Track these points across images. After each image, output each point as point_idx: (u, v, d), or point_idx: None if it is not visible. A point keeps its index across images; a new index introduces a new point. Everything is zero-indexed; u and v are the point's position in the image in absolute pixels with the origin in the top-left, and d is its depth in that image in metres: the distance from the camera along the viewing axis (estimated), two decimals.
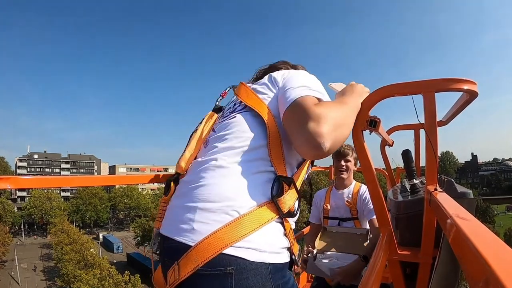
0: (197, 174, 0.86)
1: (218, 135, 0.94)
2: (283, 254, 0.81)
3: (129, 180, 1.23)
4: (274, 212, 0.79)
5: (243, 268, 0.72)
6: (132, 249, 42.50)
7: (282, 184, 0.81)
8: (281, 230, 0.82)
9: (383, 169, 2.87)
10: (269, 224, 0.78)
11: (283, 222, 0.82)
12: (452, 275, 1.03)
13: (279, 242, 0.81)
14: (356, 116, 0.94)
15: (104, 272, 23.87)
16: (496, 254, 0.34)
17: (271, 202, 0.80)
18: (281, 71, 1.04)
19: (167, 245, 0.82)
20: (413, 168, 1.59)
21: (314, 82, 0.94)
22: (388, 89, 0.93)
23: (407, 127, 2.19)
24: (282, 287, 0.78)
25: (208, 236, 0.73)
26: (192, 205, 0.79)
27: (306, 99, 0.81)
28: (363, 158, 1.02)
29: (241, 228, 0.74)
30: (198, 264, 0.72)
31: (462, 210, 0.63)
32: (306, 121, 0.73)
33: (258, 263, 0.74)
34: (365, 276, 0.81)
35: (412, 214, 1.23)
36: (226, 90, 1.16)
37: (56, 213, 48.14)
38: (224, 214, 0.76)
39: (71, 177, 1.09)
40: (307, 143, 0.72)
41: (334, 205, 2.34)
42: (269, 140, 0.85)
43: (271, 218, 0.79)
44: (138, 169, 76.76)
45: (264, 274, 0.74)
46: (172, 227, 0.82)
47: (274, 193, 0.80)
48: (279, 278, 0.78)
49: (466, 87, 0.88)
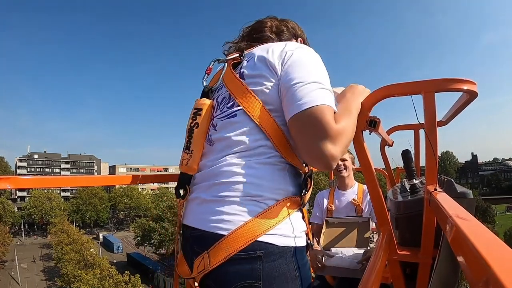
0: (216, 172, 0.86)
1: (224, 136, 0.89)
2: (303, 238, 0.88)
3: (129, 180, 1.23)
4: (297, 204, 0.87)
5: (271, 252, 0.78)
6: (132, 249, 42.47)
7: (307, 181, 0.89)
8: (300, 216, 0.90)
9: (383, 169, 2.87)
10: (294, 213, 0.86)
11: (302, 209, 0.91)
12: (452, 275, 1.03)
13: (300, 227, 0.87)
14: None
15: (104, 272, 23.85)
16: (496, 254, 0.34)
17: (296, 196, 0.87)
18: (277, 50, 0.90)
19: (195, 234, 0.85)
20: (413, 168, 1.58)
21: (323, 72, 0.85)
22: (388, 89, 0.93)
23: (407, 127, 2.19)
24: (302, 267, 0.84)
25: (240, 226, 0.78)
26: (220, 199, 0.82)
27: (324, 111, 0.74)
28: (363, 158, 1.02)
29: (270, 219, 0.79)
30: (231, 252, 0.77)
31: (462, 210, 0.63)
32: (323, 139, 0.73)
33: (284, 247, 0.80)
34: (365, 276, 0.81)
35: (412, 214, 1.23)
36: (211, 66, 1.01)
37: (56, 213, 48.11)
38: (253, 206, 0.80)
39: (71, 177, 1.09)
40: (318, 161, 0.76)
41: (338, 205, 2.34)
42: (273, 141, 0.84)
43: (295, 209, 0.86)
44: (138, 169, 76.67)
45: (289, 256, 0.81)
46: (199, 218, 0.85)
47: (303, 191, 0.88)
48: (300, 259, 0.84)
49: (465, 87, 0.88)
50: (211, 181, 0.86)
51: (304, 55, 0.87)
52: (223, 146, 0.88)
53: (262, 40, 1.07)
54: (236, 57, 1.00)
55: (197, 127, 0.94)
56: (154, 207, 44.27)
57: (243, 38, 1.12)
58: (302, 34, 1.18)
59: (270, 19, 1.13)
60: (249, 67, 0.92)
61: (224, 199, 0.81)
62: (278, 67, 0.86)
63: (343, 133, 0.74)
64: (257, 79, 0.88)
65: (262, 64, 0.89)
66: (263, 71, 0.87)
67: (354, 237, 2.05)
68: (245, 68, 0.93)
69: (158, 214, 36.42)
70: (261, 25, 1.11)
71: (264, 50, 0.92)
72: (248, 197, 0.80)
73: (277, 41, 1.06)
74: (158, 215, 36.36)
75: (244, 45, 1.07)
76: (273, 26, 1.11)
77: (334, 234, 2.12)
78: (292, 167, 0.88)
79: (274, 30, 1.11)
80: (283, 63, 0.86)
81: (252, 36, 1.09)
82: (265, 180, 0.82)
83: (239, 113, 0.88)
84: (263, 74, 0.87)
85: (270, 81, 0.86)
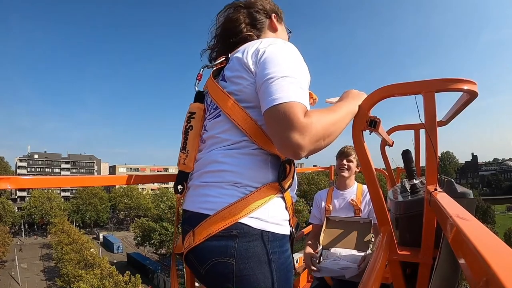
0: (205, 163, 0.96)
1: (212, 135, 0.98)
2: (283, 227, 0.92)
3: (129, 180, 1.23)
4: (276, 190, 0.91)
5: (246, 232, 0.85)
6: (132, 249, 42.46)
7: (285, 167, 0.93)
8: (283, 204, 0.94)
9: (383, 169, 2.87)
10: (273, 200, 0.90)
11: (284, 197, 0.94)
12: (452, 275, 1.03)
13: (281, 215, 0.92)
14: (356, 117, 0.94)
15: (104, 272, 23.84)
16: (496, 254, 0.34)
17: (275, 183, 0.91)
18: (252, 50, 0.93)
19: (187, 216, 0.96)
20: (413, 168, 1.59)
21: (295, 64, 0.87)
22: (388, 89, 0.94)
23: (407, 127, 2.19)
24: (279, 255, 0.89)
25: (222, 208, 0.86)
26: (206, 184, 0.92)
27: (292, 105, 0.77)
28: (363, 158, 1.02)
29: (250, 203, 0.86)
30: (212, 232, 0.85)
31: (462, 210, 0.63)
32: (290, 131, 0.75)
33: (260, 230, 0.86)
34: (365, 276, 0.81)
35: (412, 214, 1.23)
36: (201, 72, 1.08)
37: (56, 213, 48.08)
38: (236, 191, 0.88)
39: (71, 177, 1.09)
40: (287, 150, 0.79)
41: (336, 205, 2.33)
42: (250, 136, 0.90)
43: (274, 195, 0.91)
44: (138, 169, 76.69)
45: (265, 240, 0.86)
46: (190, 201, 0.97)
47: (280, 178, 0.92)
48: (277, 246, 0.89)
49: (466, 87, 0.88)
50: (201, 170, 0.97)
51: (276, 51, 0.90)
52: (212, 142, 0.98)
53: (242, 42, 1.06)
54: (223, 61, 1.06)
55: (191, 129, 1.03)
56: (154, 207, 44.28)
57: (219, 41, 1.14)
58: (273, 7, 1.16)
59: (237, 10, 1.11)
60: (229, 69, 0.99)
61: (209, 184, 0.92)
62: (253, 66, 0.91)
63: (311, 127, 0.75)
64: (236, 79, 0.95)
65: (239, 66, 0.94)
66: (241, 72, 0.93)
67: (354, 238, 2.03)
68: (226, 71, 1.00)
69: (158, 214, 36.43)
70: (234, 24, 1.09)
71: (240, 52, 0.97)
72: (231, 183, 0.89)
73: (256, 34, 1.10)
74: (158, 215, 36.37)
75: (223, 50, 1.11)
76: (245, 17, 1.10)
77: (334, 234, 2.11)
78: (274, 156, 0.93)
79: (248, 22, 1.10)
80: (257, 62, 0.90)
81: (230, 41, 1.09)
82: (246, 169, 0.90)
83: (221, 113, 0.96)
84: (241, 75, 0.93)
85: (247, 80, 0.92)
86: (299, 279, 2.86)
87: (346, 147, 2.32)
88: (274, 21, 1.14)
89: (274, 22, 1.14)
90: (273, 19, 1.14)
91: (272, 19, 1.14)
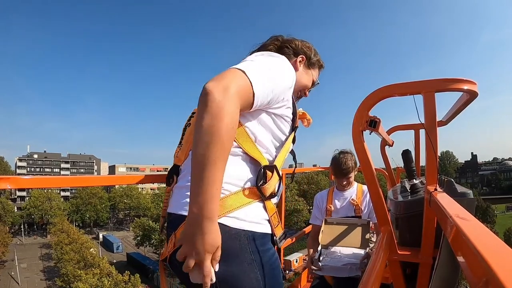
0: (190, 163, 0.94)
1: None
2: (263, 225, 0.92)
3: (129, 180, 1.23)
4: (256, 195, 0.91)
5: (225, 232, 0.81)
6: (132, 249, 42.43)
7: (265, 172, 0.92)
8: (261, 206, 0.93)
9: (383, 169, 2.87)
10: (252, 204, 0.89)
11: (265, 204, 0.93)
12: (452, 275, 1.03)
13: (260, 215, 0.92)
14: (356, 117, 0.94)
15: (104, 272, 23.85)
16: (496, 254, 0.34)
17: (254, 188, 0.91)
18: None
19: (170, 219, 0.95)
20: (413, 168, 1.59)
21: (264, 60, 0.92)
22: (388, 89, 0.94)
23: (407, 127, 2.19)
24: (262, 254, 0.88)
25: None
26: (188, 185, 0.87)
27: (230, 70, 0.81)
28: (363, 158, 1.02)
29: (227, 204, 0.85)
30: None
31: (462, 210, 0.63)
32: (211, 80, 0.76)
33: (239, 230, 0.85)
34: (365, 276, 0.81)
35: (412, 214, 1.23)
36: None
37: (56, 213, 48.08)
38: None
39: (71, 177, 1.09)
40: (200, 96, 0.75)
41: (337, 205, 2.34)
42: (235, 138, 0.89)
43: (253, 200, 0.90)
44: (138, 169, 76.68)
45: (243, 239, 0.86)
46: (173, 204, 0.97)
47: (259, 182, 0.90)
48: (258, 245, 0.88)
49: (466, 87, 0.88)
50: (185, 170, 0.98)
51: (256, 54, 0.99)
52: None
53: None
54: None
55: (189, 126, 1.08)
56: (154, 207, 44.28)
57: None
58: (306, 51, 1.20)
59: (273, 40, 1.19)
60: None
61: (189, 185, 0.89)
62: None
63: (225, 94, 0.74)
64: None
65: None
66: None
67: (353, 237, 2.04)
68: None
69: (158, 214, 36.37)
70: (263, 49, 1.17)
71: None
72: None
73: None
74: (158, 214, 36.31)
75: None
76: (275, 48, 1.18)
77: (333, 234, 2.11)
78: (253, 159, 0.93)
79: (275, 51, 1.15)
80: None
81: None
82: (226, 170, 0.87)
83: None
84: None
85: None
86: (299, 279, 2.87)
87: (343, 164, 2.21)
88: (298, 60, 1.17)
89: (297, 62, 1.17)
90: (298, 59, 1.17)
91: (297, 59, 1.17)
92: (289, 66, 0.99)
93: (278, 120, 0.98)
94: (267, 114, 0.96)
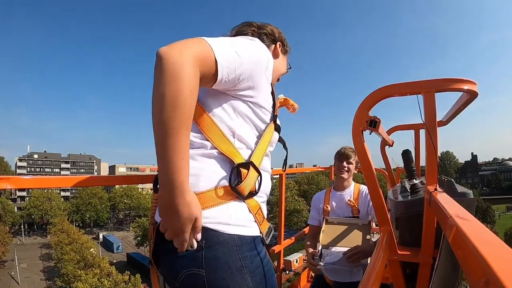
0: None
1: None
2: (249, 228, 0.87)
3: (129, 180, 1.23)
4: (231, 195, 0.85)
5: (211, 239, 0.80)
6: (132, 249, 42.44)
7: (240, 171, 0.86)
8: (244, 208, 0.88)
9: (383, 169, 2.87)
10: (228, 203, 0.84)
11: (246, 203, 0.88)
12: (452, 275, 1.03)
13: (243, 216, 0.87)
14: (356, 116, 0.94)
15: (104, 272, 23.86)
16: (497, 254, 0.34)
17: (226, 187, 0.85)
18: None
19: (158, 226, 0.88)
20: (413, 168, 1.59)
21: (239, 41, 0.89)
22: (388, 89, 0.94)
23: (407, 127, 2.20)
24: (251, 259, 0.84)
25: None
26: None
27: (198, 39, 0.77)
28: (363, 158, 1.02)
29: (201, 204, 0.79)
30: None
31: (462, 210, 0.63)
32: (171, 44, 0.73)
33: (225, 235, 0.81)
34: (365, 276, 0.81)
35: (412, 214, 1.23)
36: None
37: (56, 213, 48.11)
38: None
39: (71, 177, 1.09)
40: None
41: (334, 206, 2.34)
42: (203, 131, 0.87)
43: (229, 200, 0.85)
44: (138, 169, 76.67)
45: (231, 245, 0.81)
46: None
47: (233, 182, 0.85)
48: (246, 250, 0.84)
49: (466, 87, 0.88)
50: None
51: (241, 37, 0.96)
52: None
53: None
54: None
55: None
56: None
57: None
58: (282, 38, 1.20)
59: (249, 26, 1.14)
60: None
61: None
62: None
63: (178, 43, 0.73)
64: None
65: None
66: None
67: (353, 238, 2.04)
68: None
69: None
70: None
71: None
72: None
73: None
74: None
75: None
76: (254, 34, 1.13)
77: (333, 234, 2.12)
78: (226, 158, 0.87)
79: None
80: None
81: None
82: (200, 170, 0.85)
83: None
84: None
85: None
86: (299, 279, 2.87)
87: (346, 149, 2.31)
88: (278, 48, 1.17)
89: (277, 49, 1.17)
90: (278, 47, 1.17)
91: (276, 46, 1.17)
92: (266, 49, 0.95)
93: (258, 109, 0.93)
94: (243, 102, 0.90)
